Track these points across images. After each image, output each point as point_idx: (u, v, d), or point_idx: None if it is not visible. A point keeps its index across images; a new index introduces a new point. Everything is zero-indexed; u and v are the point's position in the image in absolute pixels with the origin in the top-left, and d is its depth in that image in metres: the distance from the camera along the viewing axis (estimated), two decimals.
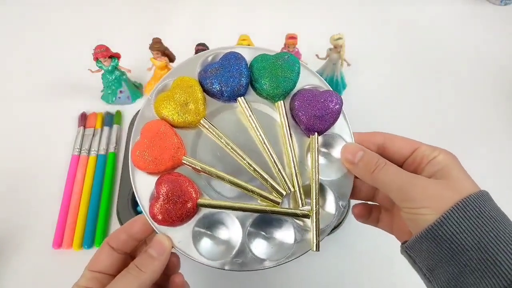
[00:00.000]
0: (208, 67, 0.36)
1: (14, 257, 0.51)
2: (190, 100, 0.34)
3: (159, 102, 0.35)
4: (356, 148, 0.34)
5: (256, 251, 0.33)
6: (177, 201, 0.32)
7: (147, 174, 0.33)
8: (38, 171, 0.58)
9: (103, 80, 0.62)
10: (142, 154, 0.33)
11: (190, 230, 0.33)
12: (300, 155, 0.36)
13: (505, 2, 0.80)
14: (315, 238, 0.33)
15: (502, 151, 0.54)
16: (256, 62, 0.36)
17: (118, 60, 0.60)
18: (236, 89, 0.35)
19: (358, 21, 0.78)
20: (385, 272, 0.51)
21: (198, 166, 0.34)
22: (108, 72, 0.60)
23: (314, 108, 0.35)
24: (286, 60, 0.36)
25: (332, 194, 0.35)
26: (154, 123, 0.34)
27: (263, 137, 0.35)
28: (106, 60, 0.58)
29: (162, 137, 0.33)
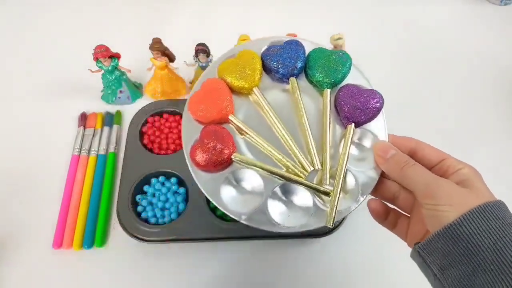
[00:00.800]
0: (271, 47, 0.41)
1: (14, 257, 0.51)
2: (249, 69, 0.39)
3: (223, 65, 0.40)
4: (389, 146, 0.36)
5: (274, 214, 0.36)
6: (216, 148, 0.36)
7: (196, 123, 0.38)
8: (38, 171, 0.58)
9: (103, 80, 0.62)
10: (197, 102, 0.38)
11: (220, 179, 0.37)
12: (333, 142, 0.38)
13: (505, 2, 0.80)
14: (333, 214, 0.35)
15: (502, 151, 0.54)
16: (314, 52, 0.41)
17: (118, 60, 0.60)
18: (291, 69, 0.39)
19: (358, 21, 0.78)
20: (385, 272, 0.51)
21: (241, 125, 0.38)
22: (108, 72, 0.60)
23: (357, 100, 0.38)
24: (340, 56, 0.40)
25: (356, 183, 0.37)
26: (214, 80, 0.39)
27: (305, 116, 0.38)
28: (106, 60, 0.58)
29: (217, 93, 0.38)
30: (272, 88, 0.41)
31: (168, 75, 0.62)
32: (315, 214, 0.36)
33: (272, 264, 0.52)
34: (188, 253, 0.52)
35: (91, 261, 0.52)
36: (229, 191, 0.37)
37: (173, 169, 0.55)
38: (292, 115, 0.39)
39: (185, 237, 0.51)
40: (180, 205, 0.53)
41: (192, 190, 0.54)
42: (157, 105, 0.62)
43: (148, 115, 0.61)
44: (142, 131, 0.60)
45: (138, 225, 0.51)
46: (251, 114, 0.39)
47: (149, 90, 0.64)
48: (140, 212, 0.53)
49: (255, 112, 0.39)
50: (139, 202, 0.54)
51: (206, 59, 0.58)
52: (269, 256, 0.52)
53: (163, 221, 0.52)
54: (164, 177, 0.56)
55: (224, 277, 0.51)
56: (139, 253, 0.52)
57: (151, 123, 0.61)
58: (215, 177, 0.37)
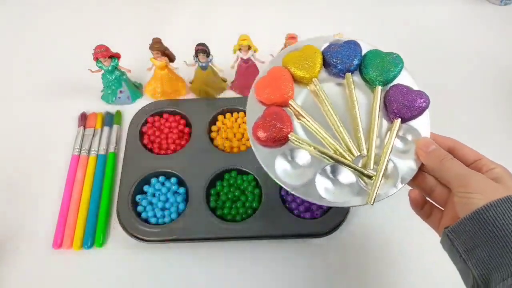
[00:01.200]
0: (332, 44, 0.46)
1: (14, 257, 0.51)
2: (310, 62, 0.44)
3: (288, 56, 0.45)
4: (431, 142, 0.40)
5: (320, 189, 0.40)
6: (276, 126, 0.41)
7: (260, 105, 0.43)
8: (38, 171, 0.58)
9: (103, 80, 0.62)
10: (263, 86, 0.44)
11: (276, 154, 0.41)
12: (379, 134, 0.43)
13: (505, 2, 0.80)
14: (374, 194, 0.39)
15: (502, 151, 0.54)
16: (370, 53, 0.45)
17: (118, 60, 0.60)
18: (348, 66, 0.44)
19: (358, 21, 0.78)
20: (386, 271, 0.52)
21: (299, 110, 0.43)
22: (108, 72, 0.60)
23: (405, 98, 0.42)
24: (394, 58, 0.44)
25: (396, 171, 0.41)
26: (280, 68, 0.45)
27: (357, 108, 0.43)
28: (106, 60, 0.58)
29: (282, 80, 0.43)
30: (328, 81, 0.45)
31: (168, 75, 0.62)
32: (357, 193, 0.40)
33: (272, 264, 0.52)
34: (188, 253, 0.52)
35: (91, 261, 0.52)
36: (282, 165, 0.42)
37: (173, 169, 0.55)
38: (343, 106, 0.44)
39: (185, 237, 0.51)
40: (180, 205, 0.53)
41: (192, 190, 0.54)
42: (157, 105, 0.62)
43: (148, 115, 0.61)
44: (142, 131, 0.60)
45: (138, 225, 0.51)
46: (308, 102, 0.44)
47: (149, 90, 0.64)
48: (140, 212, 0.53)
49: (311, 100, 0.44)
50: (139, 202, 0.54)
51: (206, 59, 0.58)
52: (269, 256, 0.52)
53: (163, 221, 0.53)
54: (164, 177, 0.56)
55: (224, 277, 0.51)
56: (139, 253, 0.52)
57: (151, 123, 0.61)
58: (272, 152, 0.42)
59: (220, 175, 0.56)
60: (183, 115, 0.62)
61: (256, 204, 0.53)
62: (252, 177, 0.55)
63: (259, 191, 0.54)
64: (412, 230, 0.55)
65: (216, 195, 0.55)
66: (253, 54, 0.60)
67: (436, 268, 0.52)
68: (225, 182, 0.55)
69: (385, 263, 0.52)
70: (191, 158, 0.57)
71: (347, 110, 0.44)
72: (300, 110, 0.43)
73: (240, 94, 0.66)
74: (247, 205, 0.53)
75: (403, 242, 0.54)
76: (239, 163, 0.56)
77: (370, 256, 0.52)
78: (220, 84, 0.65)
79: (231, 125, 0.61)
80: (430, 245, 0.54)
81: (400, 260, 0.53)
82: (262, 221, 0.52)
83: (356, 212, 0.55)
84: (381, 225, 0.55)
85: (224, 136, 0.59)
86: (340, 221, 0.52)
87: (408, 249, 0.53)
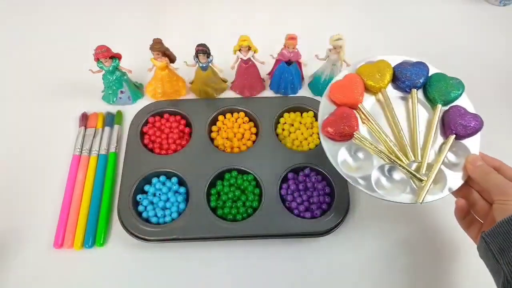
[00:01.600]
0: (404, 62, 0.53)
1: (15, 257, 0.51)
2: (381, 74, 0.51)
3: (363, 67, 0.52)
4: (479, 158, 0.47)
5: (375, 184, 0.47)
6: (344, 122, 0.48)
7: (331, 104, 0.50)
8: (39, 171, 0.58)
9: (104, 81, 0.62)
10: (337, 88, 0.50)
11: (341, 148, 0.48)
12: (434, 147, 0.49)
13: (504, 2, 0.80)
14: (423, 195, 0.45)
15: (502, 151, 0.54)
16: (436, 75, 0.52)
17: (119, 61, 0.60)
18: (415, 83, 0.51)
19: (357, 21, 0.79)
20: (386, 270, 0.52)
21: (366, 113, 0.49)
22: (109, 72, 0.60)
23: (462, 118, 0.48)
24: (457, 83, 0.51)
25: (445, 180, 0.47)
26: (354, 75, 0.52)
27: (417, 120, 0.49)
28: (107, 61, 0.58)
29: (355, 85, 0.50)
30: (394, 93, 0.52)
31: (169, 76, 0.62)
32: (407, 193, 0.46)
33: (272, 263, 0.52)
34: (188, 252, 0.52)
35: (92, 261, 0.52)
36: (344, 157, 0.49)
37: (174, 169, 0.56)
38: (403, 117, 0.50)
39: (186, 237, 0.51)
40: (181, 204, 0.54)
41: (192, 189, 0.54)
42: (158, 105, 0.63)
43: (149, 115, 0.61)
44: (143, 131, 0.60)
45: (139, 225, 0.51)
46: (373, 108, 0.51)
47: (150, 90, 0.65)
48: (141, 211, 0.54)
49: (376, 108, 0.51)
50: (140, 202, 0.54)
51: (206, 59, 0.59)
52: (269, 256, 0.52)
53: (164, 220, 0.53)
54: (164, 177, 0.56)
55: (224, 276, 0.51)
56: (140, 253, 0.52)
57: (152, 123, 0.61)
58: (337, 145, 0.48)
59: (220, 175, 0.56)
60: (183, 115, 0.62)
61: (256, 203, 0.54)
62: (252, 177, 0.56)
63: (259, 191, 0.55)
64: (412, 229, 0.55)
65: (217, 194, 0.55)
66: (253, 55, 0.60)
67: (436, 268, 0.52)
68: (226, 182, 0.55)
69: (385, 262, 0.52)
70: (191, 158, 0.57)
71: (406, 121, 0.50)
72: (367, 114, 0.49)
73: (240, 94, 0.66)
74: (248, 204, 0.54)
75: (402, 242, 0.54)
76: (240, 163, 0.56)
77: (370, 255, 0.53)
78: (220, 84, 0.65)
79: (232, 125, 0.61)
80: (430, 244, 0.54)
81: (400, 260, 0.53)
82: (262, 221, 0.52)
83: (355, 212, 0.56)
84: (381, 225, 0.55)
85: (225, 136, 0.60)
86: (340, 221, 0.52)
87: (408, 249, 0.54)
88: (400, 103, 0.52)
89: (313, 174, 0.56)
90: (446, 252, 0.53)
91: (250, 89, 0.65)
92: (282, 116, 0.62)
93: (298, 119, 0.62)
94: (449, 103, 0.50)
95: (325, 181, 0.56)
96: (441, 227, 0.55)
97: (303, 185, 0.55)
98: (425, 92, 0.52)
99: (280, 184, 0.55)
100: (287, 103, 0.63)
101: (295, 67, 0.62)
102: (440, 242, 0.54)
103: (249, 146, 0.60)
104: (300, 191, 0.55)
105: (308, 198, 0.54)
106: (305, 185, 0.55)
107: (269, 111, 0.62)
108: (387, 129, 0.49)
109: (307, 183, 0.55)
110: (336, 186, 0.54)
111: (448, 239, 0.54)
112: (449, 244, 0.54)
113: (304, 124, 0.61)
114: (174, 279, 0.51)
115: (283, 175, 0.55)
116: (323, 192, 0.55)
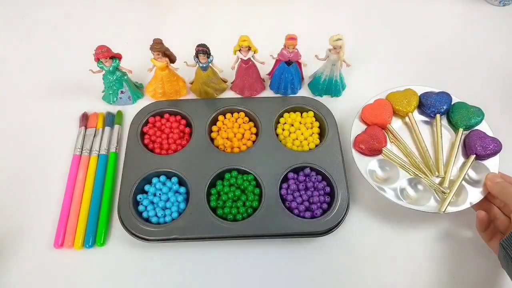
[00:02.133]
0: (429, 91, 0.60)
1: (15, 256, 0.52)
2: (408, 100, 0.59)
3: (392, 94, 0.60)
4: (498, 176, 0.52)
5: (401, 193, 0.52)
6: (374, 139, 0.54)
7: (362, 124, 0.58)
8: (39, 171, 0.58)
9: (104, 81, 0.62)
10: (369, 110, 0.58)
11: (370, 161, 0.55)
12: (456, 165, 0.55)
13: (504, 2, 0.80)
14: (445, 205, 0.50)
15: (503, 151, 0.54)
16: (458, 103, 0.59)
17: (119, 61, 0.60)
18: (439, 109, 0.58)
19: (357, 21, 0.79)
20: (385, 271, 0.52)
21: (394, 133, 0.57)
22: (109, 72, 0.60)
23: (482, 141, 0.54)
24: (477, 110, 0.58)
25: (466, 194, 0.52)
26: (384, 100, 0.59)
27: (441, 141, 0.56)
28: (107, 61, 0.58)
29: (384, 108, 0.58)
30: (419, 118, 0.60)
31: (169, 76, 0.62)
32: (430, 203, 0.51)
33: (272, 263, 0.52)
34: (188, 252, 0.52)
35: (92, 261, 0.52)
36: (374, 169, 0.55)
37: (174, 169, 0.56)
38: (428, 138, 0.58)
39: (186, 237, 0.51)
40: (181, 204, 0.54)
41: (192, 189, 0.54)
42: (158, 105, 0.63)
43: (149, 115, 0.61)
44: (143, 131, 0.61)
45: (139, 225, 0.51)
46: (401, 129, 0.59)
47: (150, 90, 0.65)
48: (141, 211, 0.54)
49: (404, 129, 0.59)
50: (140, 202, 0.54)
51: (206, 59, 0.59)
52: (270, 255, 0.52)
53: (164, 220, 0.53)
54: (165, 177, 0.56)
55: (225, 276, 0.51)
56: (140, 253, 0.52)
57: (152, 123, 0.61)
58: (367, 159, 0.55)
59: (220, 175, 0.56)
60: (183, 115, 0.62)
61: (256, 203, 0.54)
62: (253, 177, 0.56)
63: (259, 191, 0.55)
64: (412, 229, 0.55)
65: (217, 194, 0.55)
66: (253, 55, 0.60)
67: (435, 268, 0.52)
68: (226, 182, 0.56)
69: (385, 261, 0.52)
70: (191, 158, 0.57)
71: (430, 141, 0.57)
72: (395, 133, 0.57)
73: (240, 94, 0.66)
74: (248, 204, 0.54)
75: (402, 242, 0.54)
76: (240, 163, 0.56)
77: (370, 255, 0.53)
78: (220, 84, 0.65)
79: (232, 125, 0.61)
80: (429, 244, 0.54)
81: (400, 259, 0.53)
82: (263, 221, 0.52)
83: (355, 212, 0.56)
84: (381, 224, 0.55)
85: (225, 136, 0.60)
86: (340, 220, 0.52)
87: (408, 248, 0.54)
88: (425, 127, 0.59)
89: (313, 174, 0.56)
90: (445, 252, 0.53)
91: (250, 89, 0.65)
92: (282, 116, 0.62)
93: (298, 119, 0.62)
94: (470, 128, 0.57)
95: (325, 181, 0.56)
96: (441, 229, 0.55)
97: (303, 185, 0.55)
98: (448, 118, 0.59)
99: (280, 184, 0.55)
100: (287, 103, 0.63)
101: (295, 67, 0.62)
102: (440, 242, 0.54)
103: (249, 146, 0.60)
104: (300, 191, 0.55)
105: (308, 198, 0.54)
106: (305, 185, 0.55)
107: (269, 111, 0.62)
108: (413, 148, 0.57)
109: (307, 183, 0.55)
110: (336, 186, 0.54)
111: (449, 239, 0.54)
112: (450, 244, 0.54)
113: (304, 124, 0.61)
114: (174, 279, 0.51)
115: (283, 175, 0.55)
116: (323, 192, 0.55)
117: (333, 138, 0.59)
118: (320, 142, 0.60)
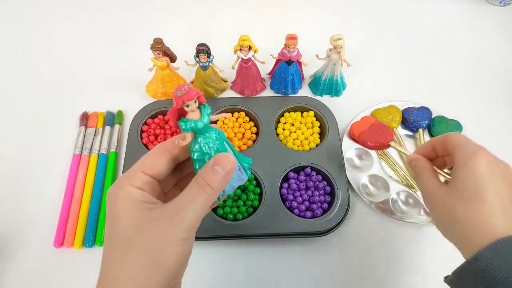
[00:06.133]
0: (411, 107, 0.64)
1: (16, 256, 0.52)
2: (391, 116, 0.62)
3: (377, 111, 0.63)
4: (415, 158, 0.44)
5: (393, 207, 0.55)
6: (380, 133, 0.55)
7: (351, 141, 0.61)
8: (39, 170, 0.58)
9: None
10: (357, 127, 0.60)
11: (361, 177, 0.57)
12: None
13: (504, 2, 0.80)
14: None
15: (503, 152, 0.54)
16: (438, 117, 0.63)
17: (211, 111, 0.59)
18: (420, 123, 0.62)
19: (358, 21, 0.79)
20: (384, 271, 0.52)
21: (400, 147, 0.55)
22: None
23: None
24: (456, 123, 0.62)
25: None
26: (369, 117, 0.62)
27: None
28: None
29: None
30: (403, 132, 0.63)
31: (169, 75, 0.62)
32: (421, 215, 0.54)
33: (272, 263, 0.52)
34: None
35: (93, 260, 0.52)
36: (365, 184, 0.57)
37: None
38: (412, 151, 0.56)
39: None
40: None
41: None
42: (158, 105, 0.63)
43: (150, 115, 0.61)
44: (143, 130, 0.60)
45: None
46: None
47: (150, 90, 0.65)
48: None
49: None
50: None
51: (206, 59, 0.59)
52: (270, 255, 0.52)
53: None
54: None
55: (225, 275, 0.51)
56: None
57: (152, 123, 0.61)
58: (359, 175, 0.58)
59: None
60: None
61: (257, 203, 0.54)
62: (253, 176, 0.56)
63: (259, 190, 0.55)
64: (411, 229, 0.55)
65: None
66: (254, 55, 0.60)
67: (435, 267, 0.52)
68: None
69: (385, 261, 0.52)
70: None
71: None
72: (401, 144, 0.61)
73: (240, 94, 0.66)
74: (248, 204, 0.54)
75: (401, 243, 0.54)
76: None
77: (370, 254, 0.53)
78: (220, 84, 0.65)
79: (232, 124, 0.61)
80: (428, 244, 0.54)
81: (400, 259, 0.53)
82: (263, 220, 0.52)
83: (356, 211, 0.56)
84: (381, 224, 0.55)
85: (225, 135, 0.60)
86: (340, 220, 0.52)
87: (408, 248, 0.54)
88: (409, 140, 0.63)
89: (314, 174, 0.56)
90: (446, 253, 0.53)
91: (250, 89, 0.65)
92: (282, 115, 0.62)
93: (299, 118, 0.62)
94: None
95: (326, 180, 0.56)
96: None
97: (303, 184, 0.55)
98: (429, 131, 0.63)
99: (281, 184, 0.55)
100: (287, 103, 0.63)
101: (295, 67, 0.62)
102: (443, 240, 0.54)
103: (250, 145, 0.60)
104: (300, 191, 0.55)
105: (308, 197, 0.54)
106: (306, 185, 0.55)
107: (270, 110, 0.62)
108: (400, 161, 0.60)
109: (308, 182, 0.55)
110: (336, 185, 0.54)
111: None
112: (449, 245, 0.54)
113: (304, 124, 0.61)
114: None
115: (284, 174, 0.55)
116: (324, 192, 0.55)
117: (334, 137, 0.59)
118: (320, 142, 0.60)
